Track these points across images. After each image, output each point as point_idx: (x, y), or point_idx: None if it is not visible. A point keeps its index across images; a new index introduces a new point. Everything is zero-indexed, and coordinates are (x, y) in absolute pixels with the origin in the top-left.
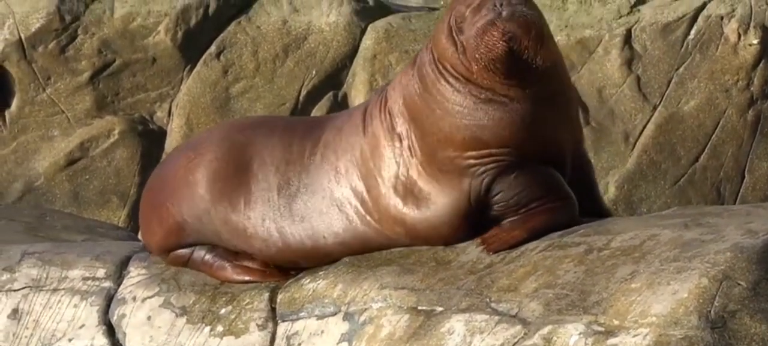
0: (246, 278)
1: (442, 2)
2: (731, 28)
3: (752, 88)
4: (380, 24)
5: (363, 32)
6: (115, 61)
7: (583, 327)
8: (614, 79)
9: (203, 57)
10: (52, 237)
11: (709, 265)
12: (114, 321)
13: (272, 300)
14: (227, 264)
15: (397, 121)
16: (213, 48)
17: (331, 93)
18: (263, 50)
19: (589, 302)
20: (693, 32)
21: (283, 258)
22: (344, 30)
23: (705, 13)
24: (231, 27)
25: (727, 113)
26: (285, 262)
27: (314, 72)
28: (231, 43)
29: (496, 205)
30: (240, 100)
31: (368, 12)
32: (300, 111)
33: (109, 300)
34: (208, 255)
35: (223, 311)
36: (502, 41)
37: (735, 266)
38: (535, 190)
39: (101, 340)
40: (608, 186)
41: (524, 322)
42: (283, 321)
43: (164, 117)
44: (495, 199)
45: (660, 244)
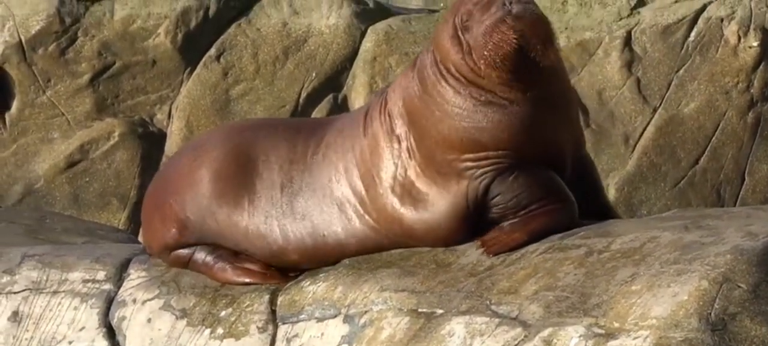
0: (246, 280)
1: (442, 4)
2: (731, 30)
3: (752, 90)
4: (380, 26)
5: (363, 34)
6: (115, 63)
7: (584, 329)
8: (614, 81)
9: (203, 59)
10: (52, 239)
11: (710, 267)
12: (114, 324)
13: (272, 302)
14: (228, 266)
15: (397, 122)
16: (213, 50)
17: (331, 95)
18: (263, 52)
19: (590, 305)
20: (693, 34)
21: (284, 257)
22: (344, 32)
23: (705, 15)
24: (231, 29)
25: (727, 115)
26: (286, 262)
27: (314, 74)
28: (231, 45)
29: (495, 207)
30: (240, 102)
31: (368, 14)
32: (300, 113)
33: (109, 302)
34: (209, 256)
35: (224, 314)
36: (513, 38)
37: (735, 269)
38: (535, 192)
39: (101, 342)
40: (608, 188)
41: (524, 324)
42: (284, 323)
43: (164, 119)
44: (493, 201)
45: (660, 246)
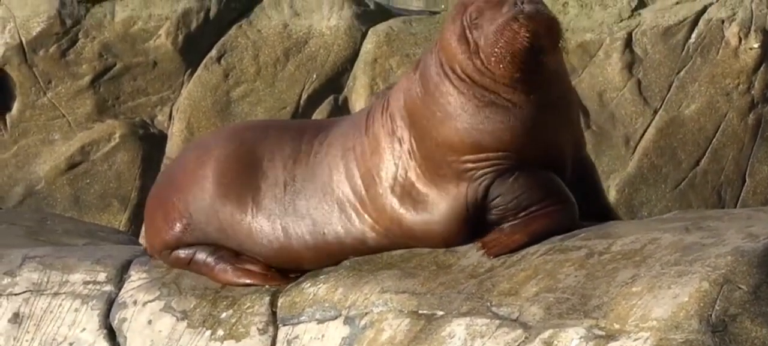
0: (247, 281)
1: (443, 6)
2: (732, 31)
3: (753, 91)
4: (381, 28)
5: (364, 36)
6: (116, 64)
7: (584, 331)
8: (615, 82)
9: (204, 61)
10: (53, 241)
11: (710, 269)
12: (115, 325)
13: (273, 304)
14: (229, 266)
15: (398, 124)
16: (214, 52)
17: (332, 97)
18: (264, 54)
19: (590, 306)
20: (694, 36)
21: (285, 256)
22: (345, 34)
23: (706, 16)
24: (232, 31)
25: (728, 117)
26: (287, 260)
27: (315, 76)
28: (232, 46)
29: (495, 209)
30: (241, 104)
31: (369, 16)
32: (300, 115)
33: (110, 304)
34: (210, 257)
35: (224, 315)
36: (524, 36)
37: (736, 270)
38: (535, 193)
39: (102, 344)
40: (609, 190)
41: (525, 326)
42: (284, 325)
43: (165, 121)
44: (493, 203)
45: (661, 248)
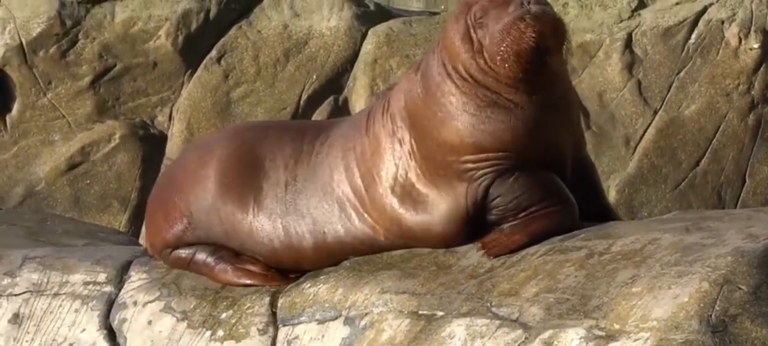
0: (247, 281)
1: (443, 6)
2: (732, 32)
3: (753, 92)
4: (381, 28)
5: (364, 37)
6: (116, 65)
7: (584, 331)
8: (615, 83)
9: (204, 61)
10: (53, 242)
11: (710, 269)
12: (115, 326)
13: (273, 304)
14: (229, 267)
15: (399, 124)
16: (214, 52)
17: (332, 97)
18: (264, 55)
19: (590, 307)
20: (694, 36)
21: (286, 256)
22: (345, 34)
23: (706, 17)
24: (232, 31)
25: (728, 117)
26: (287, 260)
27: (315, 76)
28: (232, 47)
29: (495, 209)
30: (241, 104)
31: (369, 16)
32: (301, 115)
33: (110, 305)
34: (210, 257)
35: (224, 316)
36: (531, 36)
37: (736, 270)
38: (535, 194)
39: (102, 344)
40: (609, 190)
41: (525, 326)
42: (284, 325)
43: (165, 121)
44: (493, 203)
45: (661, 248)
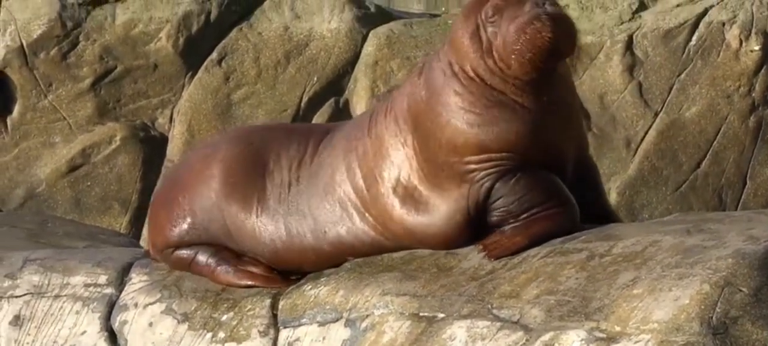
0: (249, 283)
1: (444, 8)
2: (733, 34)
3: (754, 94)
4: (382, 30)
5: (364, 39)
6: (117, 67)
7: (585, 333)
8: (616, 85)
9: (205, 63)
10: (54, 244)
11: (711, 271)
12: (116, 328)
13: (274, 306)
14: (230, 268)
15: (401, 127)
16: (214, 54)
17: (333, 99)
18: (265, 57)
19: (591, 309)
20: (694, 38)
21: (287, 256)
22: (346, 36)
23: (706, 19)
24: (232, 33)
25: (729, 119)
26: (288, 261)
27: (316, 78)
28: (232, 49)
29: (496, 210)
30: (241, 106)
31: (370, 18)
32: (301, 117)
33: (111, 307)
34: (212, 258)
35: (225, 318)
36: (547, 36)
37: (737, 273)
38: (536, 195)
39: None
40: (610, 192)
41: (526, 328)
42: (285, 328)
43: (166, 123)
44: (495, 204)
45: (662, 250)
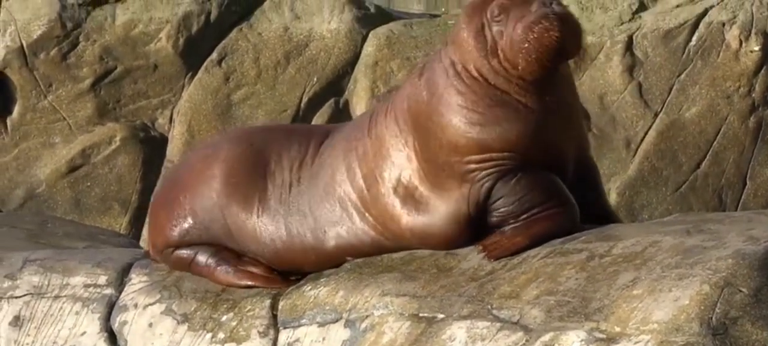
0: (249, 283)
1: (444, 9)
2: (733, 34)
3: (754, 94)
4: (382, 31)
5: (364, 39)
6: (117, 68)
7: (585, 334)
8: (616, 85)
9: (205, 64)
10: (54, 244)
11: (711, 271)
12: (115, 328)
13: (274, 307)
14: (231, 268)
15: (402, 127)
16: (214, 55)
17: (333, 100)
18: (265, 57)
19: (591, 309)
20: (694, 39)
21: (288, 256)
22: (346, 37)
23: (706, 19)
24: (232, 34)
25: (729, 120)
26: (289, 261)
27: (315, 79)
28: (232, 49)
29: (497, 211)
30: (241, 107)
31: (370, 19)
32: (301, 118)
33: (111, 307)
34: (212, 259)
35: (225, 318)
36: (555, 36)
37: (737, 273)
38: (536, 196)
39: None
40: (610, 193)
41: (526, 329)
42: (285, 328)
43: (166, 124)
44: (495, 205)
45: (662, 250)
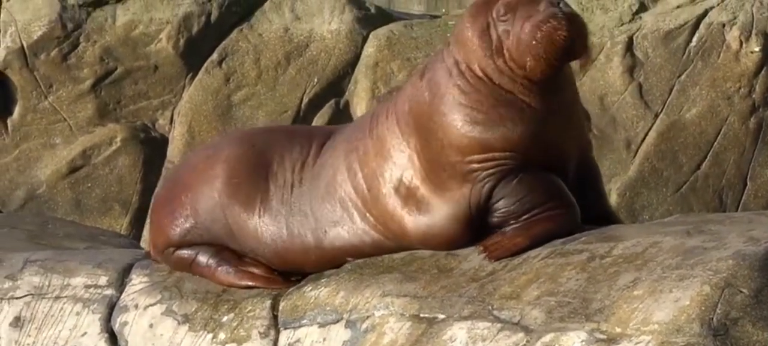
0: (249, 283)
1: (444, 10)
2: (733, 35)
3: (754, 95)
4: (382, 32)
5: (365, 40)
6: (117, 68)
7: (586, 335)
8: (616, 86)
9: (205, 65)
10: (55, 245)
11: (712, 272)
12: (116, 329)
13: (274, 308)
14: (231, 269)
15: (403, 129)
16: (215, 56)
17: (333, 101)
18: (265, 58)
19: (592, 310)
20: (695, 40)
21: (288, 256)
22: (346, 38)
23: (706, 20)
24: (233, 35)
25: (729, 121)
26: (290, 261)
27: (316, 80)
28: (233, 50)
29: (498, 211)
30: (242, 107)
31: (370, 20)
32: (302, 119)
33: (111, 308)
34: (212, 259)
35: (225, 319)
36: (563, 35)
37: (737, 274)
38: (537, 196)
39: None
40: (610, 193)
41: (526, 329)
42: (285, 329)
43: (166, 125)
44: (497, 205)
45: (662, 251)
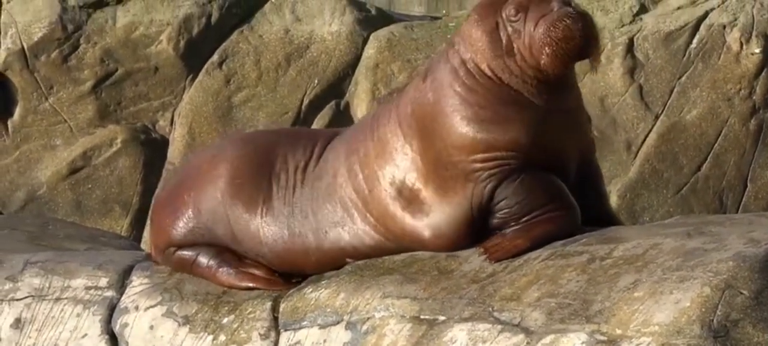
0: (250, 285)
1: (444, 11)
2: (733, 37)
3: (754, 97)
4: (382, 33)
5: (365, 41)
6: (118, 70)
7: (586, 336)
8: (616, 88)
9: (205, 66)
10: (55, 246)
11: (712, 274)
12: (116, 330)
13: (275, 309)
14: (232, 270)
15: (405, 131)
16: (215, 57)
17: (334, 102)
18: (265, 59)
19: (592, 311)
20: (695, 41)
21: (289, 257)
22: (346, 39)
23: (707, 22)
24: (233, 36)
25: (730, 122)
26: (290, 262)
27: (316, 81)
28: (233, 52)
29: (499, 212)
30: (242, 109)
31: (371, 21)
32: (302, 120)
33: (112, 309)
34: (213, 260)
35: (226, 320)
36: (577, 34)
37: (737, 275)
38: (538, 198)
39: None
40: (611, 195)
41: (527, 331)
42: (286, 330)
43: (167, 126)
44: (498, 206)
45: (662, 253)
